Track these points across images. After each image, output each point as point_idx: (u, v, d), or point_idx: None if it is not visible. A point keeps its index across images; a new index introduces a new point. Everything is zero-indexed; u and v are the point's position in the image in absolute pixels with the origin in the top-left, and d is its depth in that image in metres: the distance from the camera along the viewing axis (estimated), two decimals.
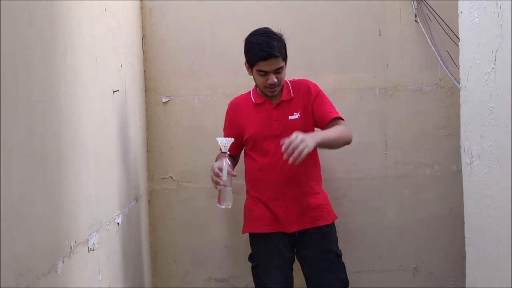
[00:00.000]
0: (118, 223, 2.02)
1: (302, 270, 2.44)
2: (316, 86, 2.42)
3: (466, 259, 1.87)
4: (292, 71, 2.80)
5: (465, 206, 1.88)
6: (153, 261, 2.90)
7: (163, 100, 2.86)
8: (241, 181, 2.51)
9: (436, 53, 2.79)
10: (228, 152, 2.21)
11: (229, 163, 2.20)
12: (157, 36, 2.85)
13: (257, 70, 2.28)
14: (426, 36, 2.82)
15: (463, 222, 1.93)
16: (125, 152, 2.24)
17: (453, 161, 2.86)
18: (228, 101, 2.87)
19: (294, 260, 2.44)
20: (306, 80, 2.44)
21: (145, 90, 2.85)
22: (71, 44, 1.50)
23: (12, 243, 1.06)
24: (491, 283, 1.65)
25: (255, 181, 2.42)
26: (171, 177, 2.89)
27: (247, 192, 2.49)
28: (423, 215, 2.89)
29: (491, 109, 1.59)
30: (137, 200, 2.47)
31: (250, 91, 2.48)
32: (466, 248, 1.87)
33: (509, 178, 1.48)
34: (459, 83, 1.92)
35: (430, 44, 2.80)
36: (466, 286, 1.89)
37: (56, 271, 1.31)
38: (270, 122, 2.36)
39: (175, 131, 2.86)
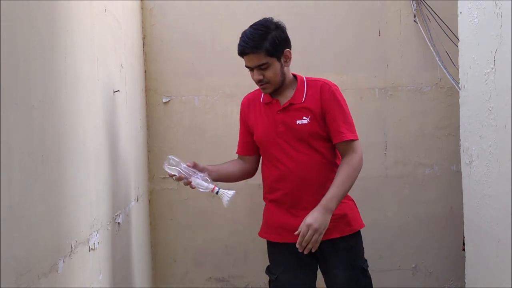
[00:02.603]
0: (118, 223, 2.02)
1: (325, 282, 2.25)
2: (332, 91, 2.14)
3: (466, 259, 1.87)
4: (293, 71, 2.81)
5: (464, 206, 1.88)
6: (153, 261, 2.90)
7: (164, 100, 2.86)
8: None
9: (434, 53, 2.79)
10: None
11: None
12: (157, 36, 2.85)
13: (244, 65, 2.13)
14: (425, 37, 2.82)
15: (463, 222, 1.94)
16: (126, 152, 2.25)
17: (452, 161, 2.87)
18: (228, 101, 2.88)
19: (317, 268, 2.24)
20: (323, 81, 2.18)
21: (146, 90, 2.86)
22: (71, 44, 1.51)
23: (12, 243, 1.07)
24: (491, 282, 1.65)
25: (268, 187, 2.25)
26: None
27: (264, 196, 2.31)
28: (423, 215, 2.90)
29: (490, 109, 1.60)
30: (137, 200, 2.48)
31: None
32: (466, 248, 1.87)
33: (508, 178, 1.48)
34: (457, 83, 1.93)
35: (429, 44, 2.80)
36: (466, 286, 1.89)
37: (57, 271, 1.31)
38: (276, 125, 2.15)
39: (176, 131, 2.87)
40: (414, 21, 2.84)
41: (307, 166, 2.14)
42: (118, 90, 2.11)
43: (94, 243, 1.66)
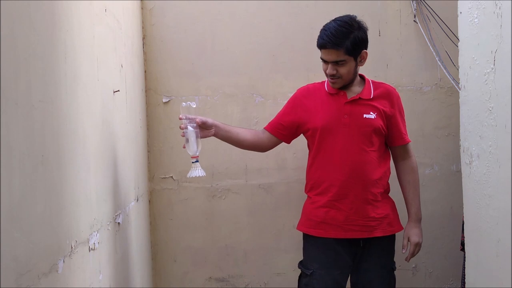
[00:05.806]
0: (118, 223, 2.02)
1: (351, 278, 2.30)
2: (399, 98, 2.30)
3: (466, 259, 1.87)
4: (293, 71, 2.82)
5: (464, 206, 1.88)
6: (154, 261, 2.90)
7: (164, 100, 2.86)
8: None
9: (434, 53, 2.80)
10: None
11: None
12: (157, 36, 2.85)
13: (320, 57, 2.20)
14: (425, 37, 2.82)
15: (463, 222, 1.94)
16: (126, 152, 2.24)
17: (452, 161, 2.87)
18: (228, 101, 2.88)
19: (351, 268, 2.28)
20: (390, 86, 2.32)
21: (146, 90, 2.86)
22: (71, 44, 1.51)
23: (12, 243, 1.07)
24: (491, 282, 1.65)
25: (318, 177, 2.26)
26: (172, 177, 2.89)
27: (308, 189, 2.33)
28: (423, 215, 2.88)
29: (490, 109, 1.60)
30: (137, 200, 2.48)
31: (324, 81, 2.32)
32: (466, 248, 1.87)
33: (508, 178, 1.48)
34: (457, 83, 1.93)
35: (429, 44, 2.80)
36: (466, 286, 1.89)
37: (57, 271, 1.31)
38: (341, 115, 2.21)
39: (176, 131, 2.86)
40: (414, 21, 2.84)
41: (363, 160, 2.20)
42: (118, 90, 2.10)
43: (94, 243, 1.66)
